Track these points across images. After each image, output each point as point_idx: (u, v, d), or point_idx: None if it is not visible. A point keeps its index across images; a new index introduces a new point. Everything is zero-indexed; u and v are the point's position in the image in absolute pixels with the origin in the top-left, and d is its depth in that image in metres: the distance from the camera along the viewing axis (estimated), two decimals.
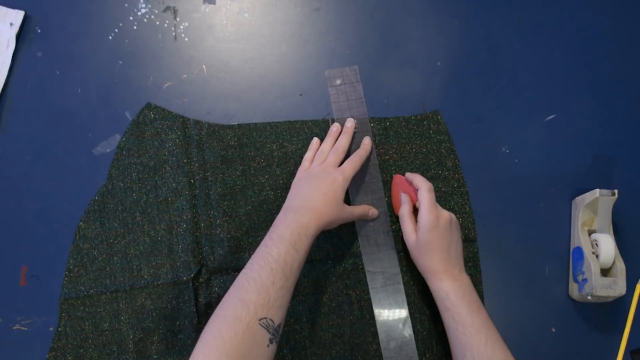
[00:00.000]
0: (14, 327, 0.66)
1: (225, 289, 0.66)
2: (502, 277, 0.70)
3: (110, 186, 0.69)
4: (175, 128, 0.70)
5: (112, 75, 0.72)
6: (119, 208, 0.68)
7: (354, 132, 0.71)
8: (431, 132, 0.72)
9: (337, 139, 0.69)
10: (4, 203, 0.68)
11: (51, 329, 0.66)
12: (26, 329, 0.66)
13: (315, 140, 0.71)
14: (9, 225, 0.68)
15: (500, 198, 0.72)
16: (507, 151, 0.73)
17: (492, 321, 0.60)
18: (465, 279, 0.62)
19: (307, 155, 0.69)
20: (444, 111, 0.73)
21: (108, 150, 0.70)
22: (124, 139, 0.70)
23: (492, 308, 0.69)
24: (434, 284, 0.62)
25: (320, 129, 0.72)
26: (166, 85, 0.72)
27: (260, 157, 0.70)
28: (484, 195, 0.71)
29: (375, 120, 0.72)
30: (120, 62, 0.72)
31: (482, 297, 0.69)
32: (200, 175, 0.69)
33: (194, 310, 0.66)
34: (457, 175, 0.71)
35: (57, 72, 0.72)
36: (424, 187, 0.64)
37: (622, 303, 0.69)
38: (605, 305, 0.69)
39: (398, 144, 0.71)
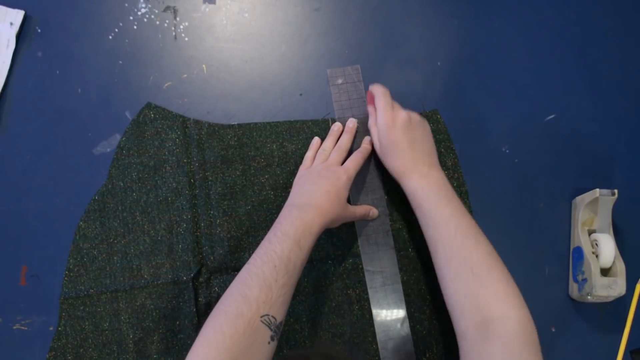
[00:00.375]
0: (14, 327, 0.66)
1: (225, 289, 0.66)
2: None
3: (110, 186, 0.69)
4: (175, 128, 0.70)
5: (112, 75, 0.72)
6: (119, 208, 0.68)
7: (356, 132, 0.71)
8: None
9: (338, 138, 0.70)
10: (4, 203, 0.68)
11: (51, 328, 0.66)
12: (26, 329, 0.66)
13: (316, 139, 0.71)
14: (9, 225, 0.68)
15: (500, 198, 0.72)
16: (507, 151, 0.73)
17: (465, 211, 0.60)
18: (435, 175, 0.63)
19: (308, 154, 0.69)
20: (444, 111, 0.73)
21: (108, 150, 0.70)
22: (124, 138, 0.70)
23: None
24: (404, 183, 0.63)
25: (320, 128, 0.72)
26: (166, 85, 0.72)
27: (260, 157, 0.70)
28: (484, 195, 0.71)
29: None
30: (120, 62, 0.72)
31: None
32: (201, 174, 0.69)
33: (194, 310, 0.66)
34: (456, 175, 0.71)
35: (57, 72, 0.72)
36: (378, 92, 0.65)
37: (622, 303, 0.69)
38: (605, 305, 0.69)
39: None
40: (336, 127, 0.70)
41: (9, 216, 0.68)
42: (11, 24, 0.71)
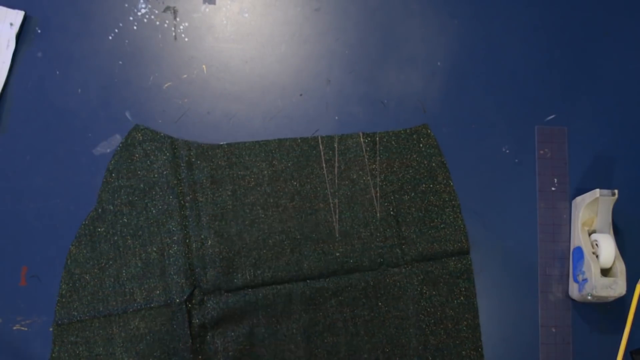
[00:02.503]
0: (14, 327, 0.66)
1: (218, 310, 0.65)
2: (502, 277, 0.70)
3: (100, 210, 0.68)
4: (164, 149, 0.69)
5: (112, 75, 0.72)
6: (110, 231, 0.67)
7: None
8: (421, 145, 0.71)
9: None
10: (4, 203, 0.68)
11: (51, 329, 0.66)
12: (26, 329, 0.66)
13: None
14: (9, 225, 0.68)
15: (500, 198, 0.72)
16: (507, 151, 0.73)
17: None
18: None
19: None
20: (444, 111, 0.73)
21: (108, 150, 0.70)
22: (112, 161, 0.69)
23: (492, 308, 0.69)
24: None
25: (310, 146, 0.70)
26: (166, 85, 0.72)
27: (250, 177, 0.70)
28: (484, 195, 0.71)
29: (363, 135, 0.71)
30: (120, 62, 0.72)
31: (481, 298, 0.69)
32: (190, 196, 0.69)
33: (188, 332, 0.65)
34: (448, 189, 0.71)
35: (57, 72, 0.72)
36: None
37: (622, 303, 0.69)
38: (605, 305, 0.69)
39: (388, 159, 0.71)
40: None
41: (9, 216, 0.68)
42: (11, 24, 0.71)
